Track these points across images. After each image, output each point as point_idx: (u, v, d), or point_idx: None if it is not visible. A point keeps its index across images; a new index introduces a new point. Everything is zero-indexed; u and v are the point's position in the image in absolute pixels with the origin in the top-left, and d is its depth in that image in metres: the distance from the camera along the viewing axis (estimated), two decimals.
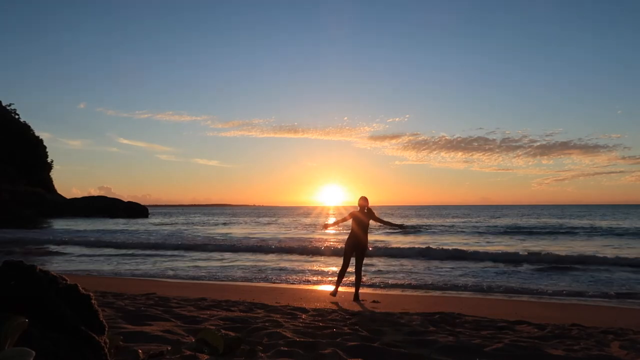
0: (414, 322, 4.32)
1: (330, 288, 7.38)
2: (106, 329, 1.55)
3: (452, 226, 34.16)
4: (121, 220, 44.87)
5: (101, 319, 1.58)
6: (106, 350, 1.51)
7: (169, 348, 2.18)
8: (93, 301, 1.60)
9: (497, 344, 2.98)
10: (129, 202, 60.02)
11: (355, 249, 6.86)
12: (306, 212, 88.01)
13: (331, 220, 11.03)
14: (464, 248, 15.93)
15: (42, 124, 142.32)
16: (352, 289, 7.11)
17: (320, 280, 9.92)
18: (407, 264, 12.46)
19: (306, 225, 39.05)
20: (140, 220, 47.11)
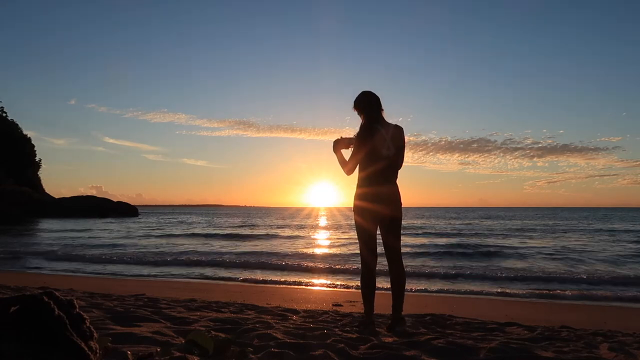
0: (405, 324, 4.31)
1: (319, 288, 7.30)
2: (95, 334, 1.52)
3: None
4: (110, 220, 44.47)
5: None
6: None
7: (159, 349, 2.15)
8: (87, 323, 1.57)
9: (488, 345, 2.99)
10: (118, 202, 59.49)
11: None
12: (294, 213, 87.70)
13: None
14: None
15: (27, 122, 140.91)
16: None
17: (311, 282, 9.90)
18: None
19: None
20: (126, 220, 46.68)
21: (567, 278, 10.26)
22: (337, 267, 12.34)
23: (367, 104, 3.56)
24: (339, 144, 3.72)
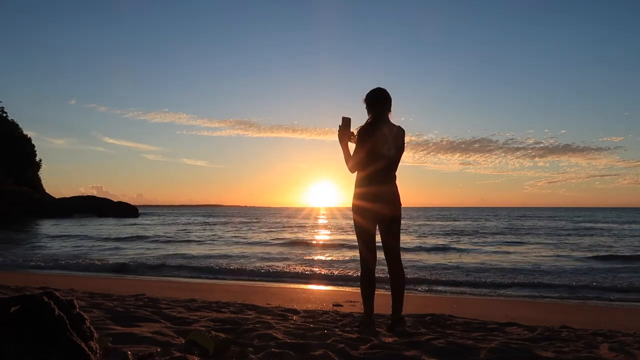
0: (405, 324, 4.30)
1: (319, 288, 7.29)
2: (95, 334, 1.52)
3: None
4: (110, 220, 44.48)
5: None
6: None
7: (159, 349, 2.15)
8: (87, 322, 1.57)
9: (488, 345, 2.98)
10: (119, 202, 59.54)
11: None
12: (294, 213, 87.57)
13: None
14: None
15: (27, 122, 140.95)
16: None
17: (311, 282, 9.90)
18: None
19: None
20: (125, 220, 46.67)
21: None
22: (337, 267, 12.34)
23: (382, 100, 3.55)
24: (345, 135, 3.62)
